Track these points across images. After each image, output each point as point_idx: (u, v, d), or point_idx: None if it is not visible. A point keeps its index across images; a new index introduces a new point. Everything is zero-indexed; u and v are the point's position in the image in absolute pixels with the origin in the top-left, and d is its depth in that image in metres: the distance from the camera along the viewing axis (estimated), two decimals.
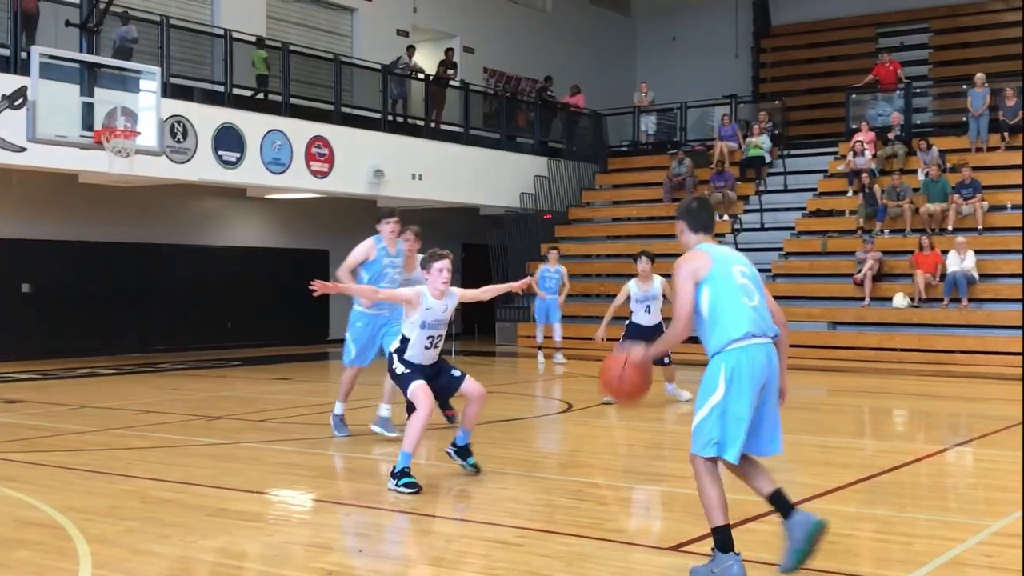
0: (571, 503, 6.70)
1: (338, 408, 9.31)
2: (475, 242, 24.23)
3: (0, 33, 14.76)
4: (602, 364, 5.29)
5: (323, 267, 22.76)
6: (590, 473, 7.75)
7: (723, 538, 4.94)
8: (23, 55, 14.25)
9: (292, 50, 18.89)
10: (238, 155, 17.27)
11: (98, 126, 13.23)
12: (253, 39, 18.61)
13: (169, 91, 15.89)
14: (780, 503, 5.00)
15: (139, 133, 13.48)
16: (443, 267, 7.14)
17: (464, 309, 21.11)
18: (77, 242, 18.34)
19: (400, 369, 7.15)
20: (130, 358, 17.82)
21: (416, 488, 6.83)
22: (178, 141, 16.27)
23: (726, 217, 21.69)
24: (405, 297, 7.20)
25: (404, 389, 7.15)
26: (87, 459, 8.28)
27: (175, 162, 16.21)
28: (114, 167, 13.52)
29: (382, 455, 8.33)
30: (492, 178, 22.34)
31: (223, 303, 20.62)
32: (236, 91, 17.69)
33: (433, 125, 21.71)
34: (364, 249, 9.29)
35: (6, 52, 14.66)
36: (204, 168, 16.75)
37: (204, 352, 19.35)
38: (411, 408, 7.27)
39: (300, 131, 18.32)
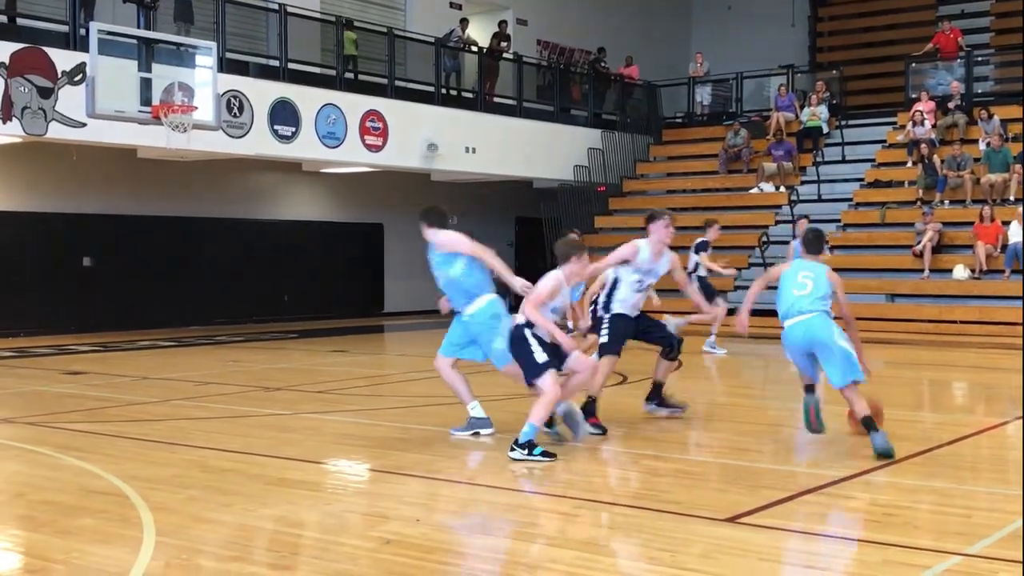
0: (626, 474, 6.69)
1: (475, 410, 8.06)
2: (528, 215, 24.20)
3: (59, 10, 14.96)
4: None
5: (378, 240, 22.90)
6: (644, 445, 7.73)
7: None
8: (82, 31, 14.44)
9: (352, 26, 18.99)
10: (293, 129, 17.38)
11: (156, 101, 13.38)
12: (308, 13, 18.68)
13: (225, 66, 16.01)
14: None
15: (196, 108, 13.62)
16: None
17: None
18: (136, 216, 18.60)
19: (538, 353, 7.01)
20: (189, 330, 18.09)
21: (552, 456, 6.88)
22: (234, 116, 16.40)
23: (783, 189, 21.45)
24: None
25: (538, 371, 6.96)
26: (149, 429, 8.43)
27: (231, 137, 16.35)
28: (172, 142, 13.68)
29: (436, 428, 8.38)
30: (545, 151, 22.27)
31: (280, 276, 20.82)
32: (291, 66, 17.77)
33: (486, 98, 21.67)
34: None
35: (65, 28, 14.87)
36: (260, 142, 16.88)
37: (262, 325, 19.58)
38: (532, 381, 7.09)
39: (355, 105, 18.39)
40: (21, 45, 14.17)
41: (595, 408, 8.06)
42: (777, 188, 21.59)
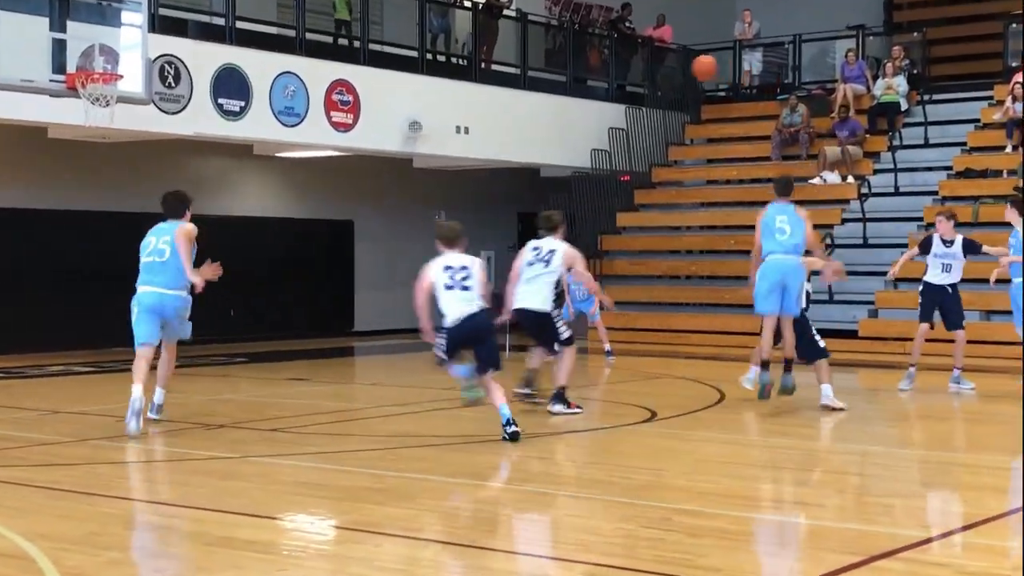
0: (655, 534, 6.70)
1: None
2: (534, 210, 24.16)
3: None
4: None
5: (346, 242, 22.93)
6: (678, 497, 7.74)
7: None
8: None
9: None
10: (242, 104, 17.42)
11: (71, 68, 13.38)
12: None
13: (158, 25, 16.04)
14: None
15: (121, 77, 13.62)
16: None
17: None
18: (45, 211, 18.63)
19: None
20: (110, 352, 18.09)
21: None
22: (169, 87, 16.44)
23: (851, 179, 21.48)
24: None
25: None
26: (60, 475, 8.43)
27: (165, 112, 16.38)
28: (91, 119, 13.68)
29: (418, 475, 8.39)
30: (556, 131, 22.31)
31: (225, 287, 20.75)
32: (240, 25, 17.81)
33: (483, 66, 21.72)
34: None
35: None
36: (200, 120, 16.91)
37: (202, 346, 19.56)
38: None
39: (318, 73, 18.43)
40: None
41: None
42: (844, 178, 21.61)
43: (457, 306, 9.74)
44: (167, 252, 10.40)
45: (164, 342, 10.66)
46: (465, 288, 9.80)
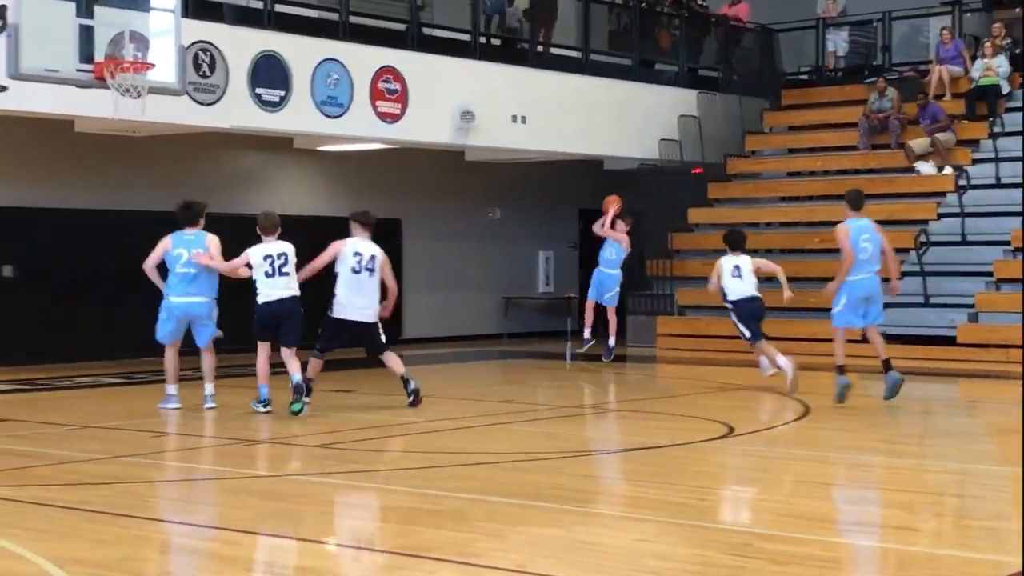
0: (735, 561, 6.68)
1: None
2: (597, 207, 24.16)
3: None
4: None
5: (394, 242, 23.00)
6: (760, 521, 7.70)
7: None
8: None
9: None
10: (282, 93, 17.54)
11: (100, 57, 13.52)
12: None
13: (192, 9, 16.18)
14: None
15: (153, 66, 13.72)
16: None
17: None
18: (73, 211, 18.83)
19: None
20: (143, 363, 18.27)
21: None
22: (203, 76, 16.59)
23: (948, 170, 21.24)
24: None
25: None
26: (90, 495, 8.52)
27: (200, 104, 16.52)
28: (121, 111, 13.81)
29: (471, 496, 8.41)
30: (621, 120, 22.27)
31: None
32: (280, 8, 17.94)
33: (541, 49, 21.73)
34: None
35: None
36: (237, 111, 17.05)
37: (238, 355, 19.70)
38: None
39: (363, 60, 18.51)
40: None
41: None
42: (940, 169, 21.40)
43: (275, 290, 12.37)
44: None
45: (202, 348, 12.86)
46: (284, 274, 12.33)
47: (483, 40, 20.76)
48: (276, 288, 12.44)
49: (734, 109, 24.14)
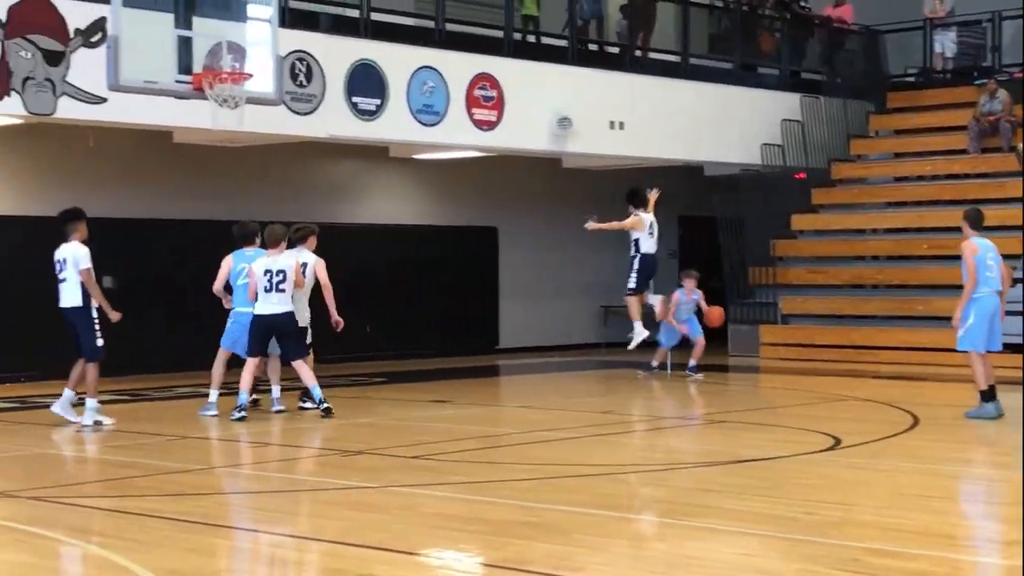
0: None
1: None
2: (697, 214, 24.08)
3: None
4: None
5: (490, 250, 23.06)
6: (869, 535, 7.61)
7: None
8: None
9: None
10: (378, 102, 17.66)
11: (198, 68, 13.71)
12: None
13: (288, 19, 16.35)
14: None
15: (250, 76, 13.89)
16: None
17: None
18: (172, 221, 19.10)
19: None
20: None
21: None
22: (300, 85, 16.75)
23: None
24: None
25: None
26: (188, 506, 8.63)
27: (296, 113, 16.69)
28: (219, 121, 14.00)
29: (573, 508, 8.39)
30: (722, 124, 22.14)
31: (360, 299, 21.07)
32: (376, 17, 18.06)
33: (639, 54, 21.67)
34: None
35: None
36: (334, 120, 17.19)
37: (336, 365, 19.87)
38: None
39: (459, 67, 18.59)
40: None
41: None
42: None
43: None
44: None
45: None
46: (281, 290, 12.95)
47: (580, 45, 20.74)
48: (270, 303, 13.00)
49: (838, 113, 23.91)
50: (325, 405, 13.01)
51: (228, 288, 13.68)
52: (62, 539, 7.62)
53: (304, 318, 13.58)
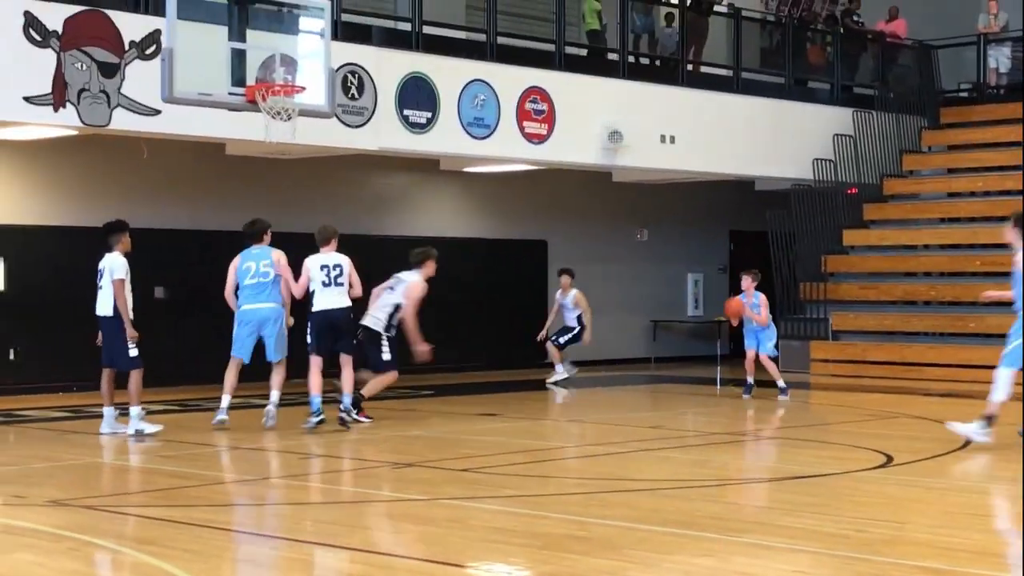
0: None
1: None
2: (748, 228, 24.02)
3: None
4: None
5: (540, 263, 23.07)
6: (922, 554, 7.56)
7: None
8: None
9: None
10: (429, 115, 17.73)
11: (251, 80, 13.81)
12: None
13: (340, 32, 16.47)
14: None
15: (303, 89, 13.96)
16: None
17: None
18: (224, 232, 19.18)
19: None
20: (293, 385, 18.59)
21: None
22: (352, 98, 16.84)
23: None
24: None
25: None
26: (240, 517, 8.69)
27: (348, 126, 16.78)
28: (272, 134, 14.08)
29: (623, 524, 8.38)
30: (773, 139, 22.08)
31: None
32: (427, 30, 18.14)
33: (690, 68, 21.66)
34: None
35: None
36: (385, 133, 17.28)
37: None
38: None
39: (510, 81, 18.64)
40: (78, 8, 14.83)
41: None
42: None
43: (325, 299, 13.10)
44: (271, 274, 13.45)
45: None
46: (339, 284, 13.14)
47: (631, 59, 20.75)
48: (329, 298, 13.18)
49: (891, 128, 23.81)
50: (321, 417, 13.14)
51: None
52: (115, 548, 7.69)
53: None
